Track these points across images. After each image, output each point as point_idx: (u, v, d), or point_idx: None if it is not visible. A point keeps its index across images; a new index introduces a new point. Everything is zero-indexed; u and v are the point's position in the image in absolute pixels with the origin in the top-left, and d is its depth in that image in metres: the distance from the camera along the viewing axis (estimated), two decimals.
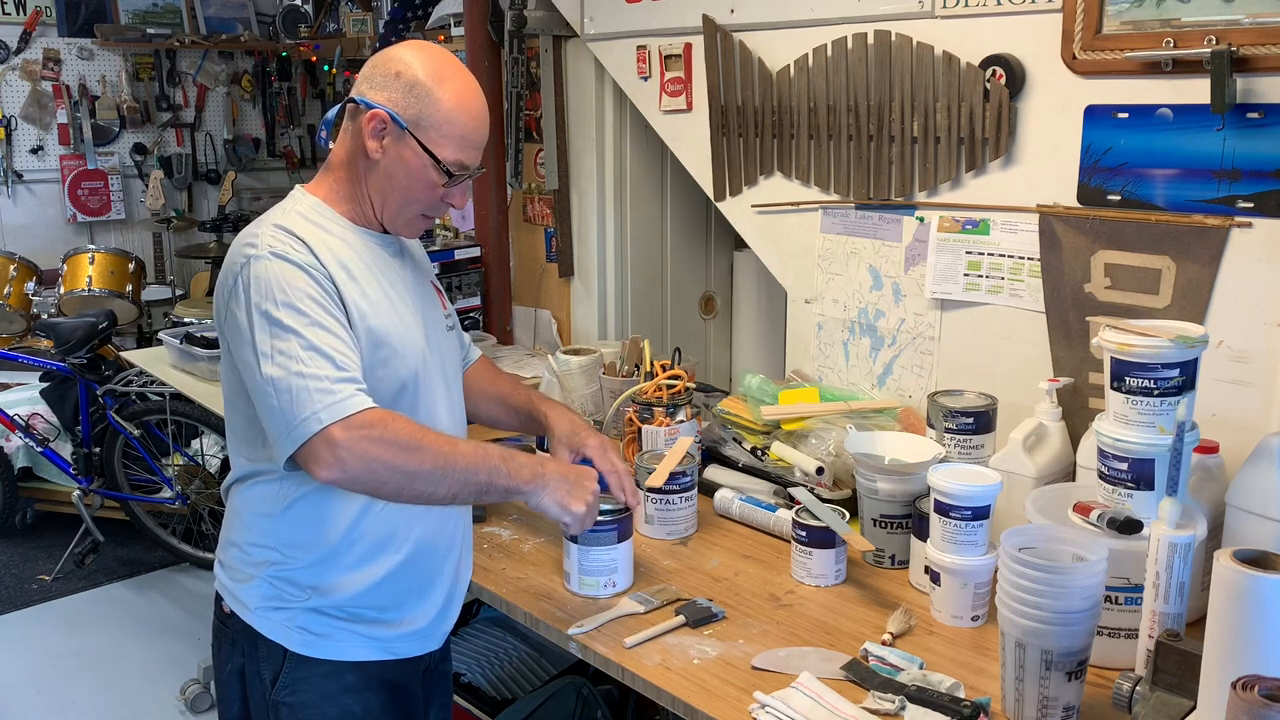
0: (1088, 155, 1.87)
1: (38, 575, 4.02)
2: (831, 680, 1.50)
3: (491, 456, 1.48)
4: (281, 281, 1.41)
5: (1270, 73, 1.63)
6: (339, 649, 1.55)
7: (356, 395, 1.39)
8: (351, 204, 1.54)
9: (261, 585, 1.54)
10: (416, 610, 1.61)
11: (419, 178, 1.50)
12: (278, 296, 1.40)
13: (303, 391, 1.36)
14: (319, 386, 1.37)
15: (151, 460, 3.87)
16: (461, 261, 3.20)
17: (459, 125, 1.49)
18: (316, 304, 1.42)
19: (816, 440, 2.08)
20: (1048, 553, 1.42)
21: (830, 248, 2.34)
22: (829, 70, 2.22)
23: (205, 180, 6.26)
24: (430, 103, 1.47)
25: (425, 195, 1.52)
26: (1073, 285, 1.92)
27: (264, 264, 1.42)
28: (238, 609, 1.56)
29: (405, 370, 1.54)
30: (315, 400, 1.36)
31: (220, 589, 1.60)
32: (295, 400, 1.37)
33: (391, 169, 1.50)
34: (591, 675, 2.24)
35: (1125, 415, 1.47)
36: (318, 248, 1.46)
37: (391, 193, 1.52)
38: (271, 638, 1.53)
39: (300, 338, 1.39)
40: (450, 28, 3.42)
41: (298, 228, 1.47)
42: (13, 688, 3.32)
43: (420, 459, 1.40)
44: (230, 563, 1.59)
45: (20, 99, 5.57)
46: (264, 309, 1.40)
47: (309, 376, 1.37)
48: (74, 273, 4.81)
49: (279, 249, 1.43)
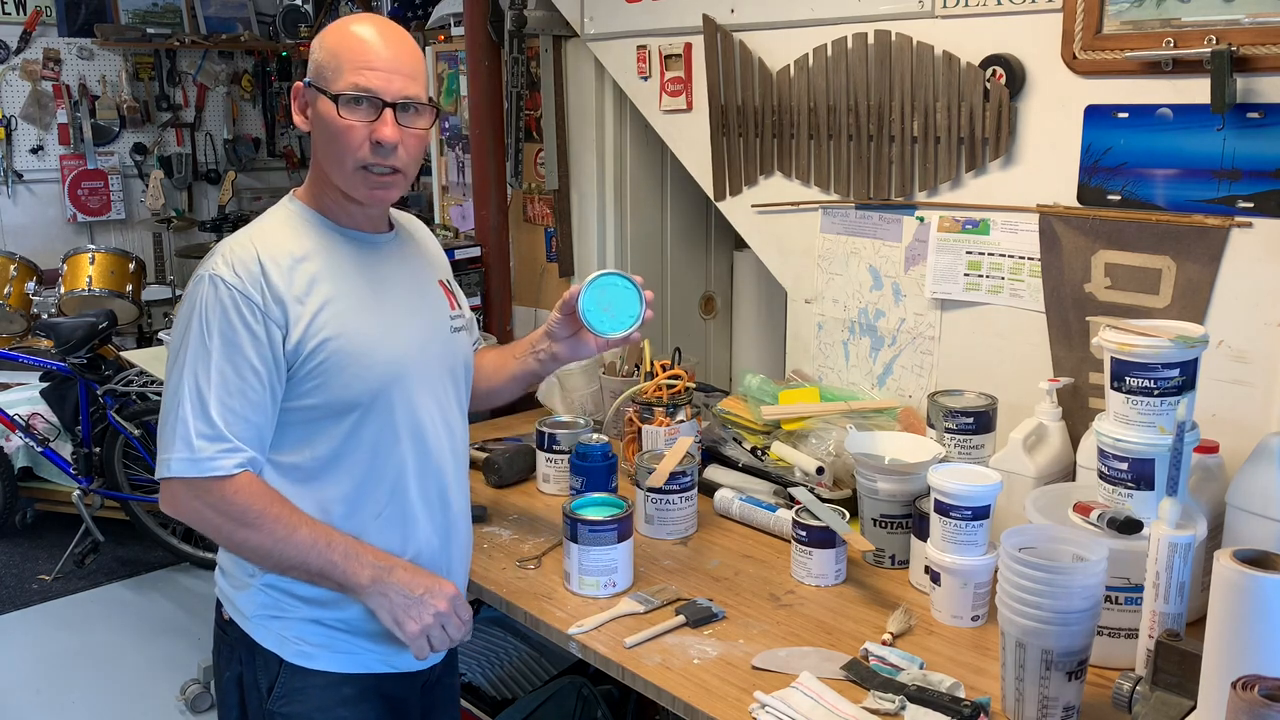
0: (1088, 155, 1.87)
1: (38, 575, 4.02)
2: (831, 680, 1.50)
3: (333, 549, 1.46)
4: (206, 309, 1.42)
5: (1270, 73, 1.63)
6: (336, 661, 1.54)
7: (215, 459, 1.41)
8: (323, 196, 1.53)
9: (257, 594, 1.52)
10: None
11: (334, 125, 1.45)
12: (194, 324, 1.42)
13: (171, 432, 1.42)
14: (183, 434, 1.41)
15: (151, 460, 3.87)
16: (461, 261, 3.20)
17: (347, 53, 1.45)
18: (225, 342, 1.41)
19: (816, 440, 2.08)
20: (1048, 553, 1.42)
21: (830, 248, 2.34)
22: (829, 70, 2.22)
23: (205, 180, 6.26)
24: (321, 50, 1.47)
25: (349, 141, 1.45)
26: (1073, 285, 1.92)
27: (200, 287, 1.44)
28: (235, 616, 1.55)
29: (373, 377, 1.49)
30: (177, 447, 1.41)
31: (220, 594, 1.59)
32: (165, 434, 1.43)
33: (317, 134, 1.49)
34: (591, 675, 2.24)
35: (1125, 415, 1.47)
36: (274, 267, 1.44)
37: (327, 158, 1.49)
38: (268, 647, 1.52)
39: (195, 376, 1.41)
40: (450, 28, 3.42)
41: (262, 243, 1.46)
42: (13, 688, 3.32)
43: (248, 535, 1.44)
44: (229, 568, 1.57)
45: (20, 99, 5.57)
46: (183, 329, 1.44)
47: (180, 420, 1.41)
48: (74, 273, 4.81)
49: (220, 272, 1.43)
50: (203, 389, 1.41)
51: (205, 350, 1.41)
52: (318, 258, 1.48)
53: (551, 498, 2.19)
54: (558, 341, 1.79)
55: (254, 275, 1.43)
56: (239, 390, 1.42)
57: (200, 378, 1.41)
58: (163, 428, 1.44)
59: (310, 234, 1.50)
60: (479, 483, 2.26)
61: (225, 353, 1.42)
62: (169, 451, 1.42)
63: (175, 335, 1.47)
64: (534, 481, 2.26)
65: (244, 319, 1.42)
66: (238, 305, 1.42)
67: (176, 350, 1.45)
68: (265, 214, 1.54)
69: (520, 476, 2.27)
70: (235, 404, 1.42)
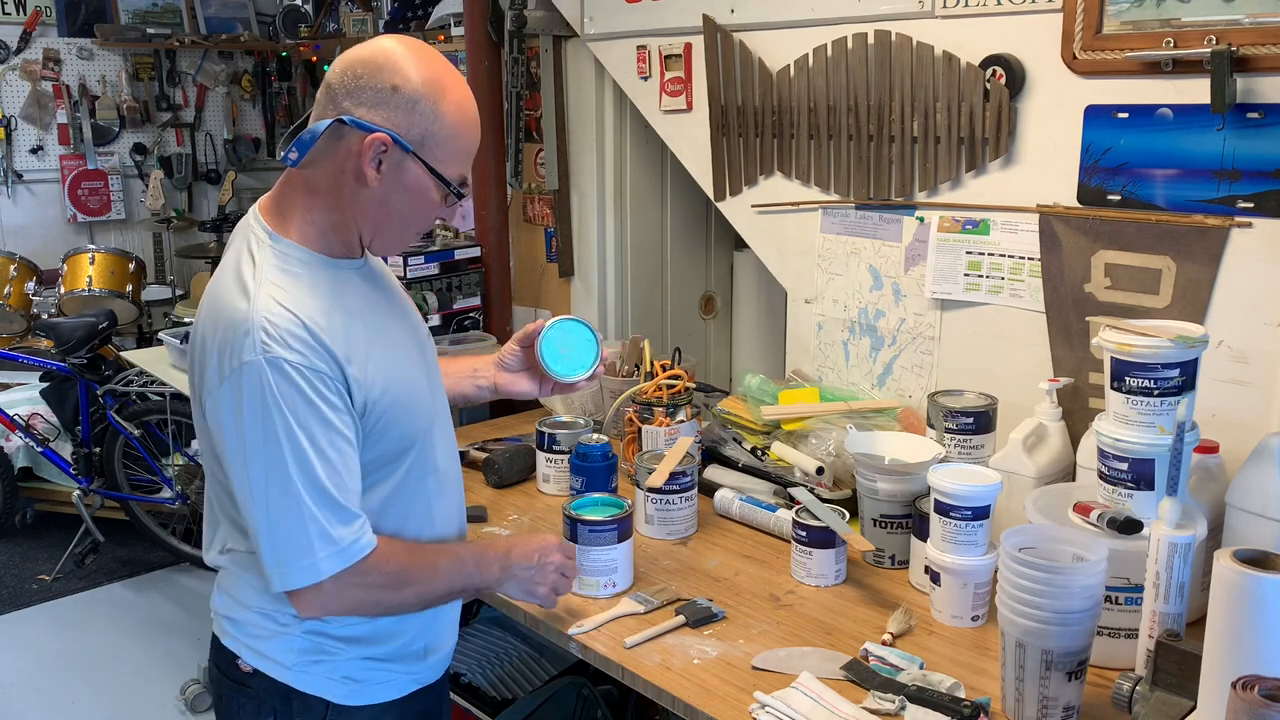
0: (1088, 155, 1.87)
1: (38, 575, 4.02)
2: (831, 680, 1.50)
3: (464, 565, 1.50)
4: (280, 397, 1.28)
5: (1270, 73, 1.63)
6: (379, 692, 1.49)
7: (358, 540, 1.34)
8: (332, 235, 1.39)
9: (297, 640, 1.43)
10: (446, 638, 1.60)
11: (421, 200, 1.37)
12: (274, 417, 1.28)
13: (302, 536, 1.31)
14: (318, 533, 1.31)
15: (151, 460, 3.87)
16: (461, 261, 3.20)
17: (464, 140, 1.38)
18: (317, 422, 1.30)
19: (816, 440, 2.08)
20: (1048, 553, 1.42)
21: (830, 248, 2.34)
22: (829, 70, 2.22)
23: (205, 180, 6.26)
24: (435, 119, 1.33)
25: (424, 217, 1.41)
26: (1073, 285, 1.92)
27: (258, 375, 1.27)
28: (265, 666, 1.44)
29: (418, 422, 1.47)
30: (317, 547, 1.31)
31: (234, 646, 1.46)
32: (293, 540, 1.31)
33: (389, 196, 1.36)
34: (591, 675, 2.24)
35: (1125, 415, 1.47)
36: (334, 324, 1.33)
37: (388, 220, 1.38)
38: (310, 692, 1.44)
39: (303, 471, 1.29)
40: (450, 28, 3.43)
41: (301, 302, 1.32)
42: (13, 688, 3.32)
43: (405, 595, 1.42)
44: (249, 619, 1.45)
45: (20, 99, 5.57)
46: (260, 427, 1.28)
47: (308, 520, 1.30)
48: (74, 273, 4.81)
49: (277, 353, 1.27)
50: (318, 479, 1.30)
51: (299, 441, 1.29)
52: (334, 303, 1.36)
53: (551, 498, 2.19)
54: (506, 372, 1.77)
55: (308, 344, 1.30)
56: (343, 466, 1.34)
57: (310, 470, 1.30)
58: (274, 531, 1.30)
59: (315, 278, 1.37)
60: (479, 482, 2.26)
61: (324, 435, 1.31)
62: (310, 556, 1.30)
63: (249, 430, 1.29)
64: (534, 481, 2.26)
65: (321, 394, 1.31)
66: (311, 382, 1.30)
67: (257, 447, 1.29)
68: (260, 265, 1.34)
69: (520, 476, 2.27)
70: (347, 480, 1.34)
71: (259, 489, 1.31)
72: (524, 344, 1.75)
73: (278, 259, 1.35)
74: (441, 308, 3.17)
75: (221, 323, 1.31)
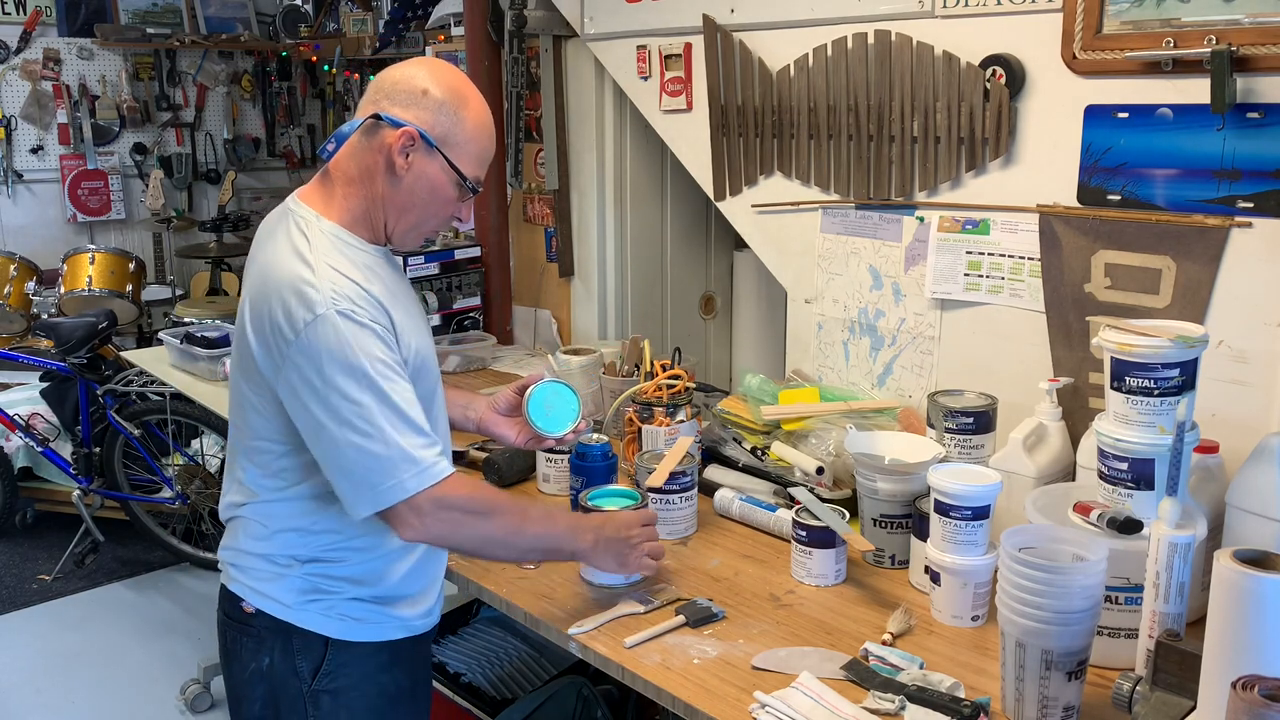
0: (1088, 155, 1.87)
1: (38, 575, 4.02)
2: (831, 680, 1.50)
3: (558, 525, 1.67)
4: (355, 345, 1.42)
5: (1270, 72, 1.63)
6: (373, 631, 1.60)
7: (440, 462, 1.47)
8: (366, 223, 1.56)
9: (297, 580, 1.56)
10: (432, 587, 1.69)
11: (441, 193, 1.54)
12: (352, 361, 1.42)
13: (386, 459, 1.43)
14: (402, 454, 1.44)
15: (152, 460, 3.87)
16: (461, 261, 3.20)
17: (481, 144, 1.56)
18: (388, 366, 1.45)
19: (816, 440, 2.08)
20: (1048, 553, 1.42)
21: (830, 248, 2.34)
22: (829, 70, 2.22)
23: (205, 180, 6.26)
24: (457, 121, 1.52)
25: (442, 211, 1.58)
26: (1073, 285, 1.92)
27: (332, 324, 1.42)
28: (267, 606, 1.57)
29: (430, 382, 1.61)
30: (400, 469, 1.44)
31: (239, 590, 1.59)
32: (379, 466, 1.43)
33: (415, 186, 1.53)
34: (591, 675, 2.24)
35: (1125, 415, 1.47)
36: (376, 292, 1.48)
37: (410, 209, 1.55)
38: (310, 629, 1.56)
39: (379, 403, 1.43)
40: (450, 28, 3.42)
41: (351, 272, 1.47)
42: (13, 688, 3.32)
43: (495, 526, 1.55)
44: (251, 563, 1.59)
45: (20, 99, 5.57)
46: (338, 373, 1.42)
47: (391, 444, 1.43)
48: (74, 273, 4.81)
49: (344, 307, 1.42)
50: (397, 407, 1.44)
51: (372, 378, 1.43)
52: (375, 281, 1.51)
53: (552, 498, 2.19)
54: (496, 413, 1.91)
55: (370, 301, 1.46)
56: (415, 400, 1.48)
57: (389, 401, 1.43)
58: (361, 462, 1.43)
59: (358, 257, 1.52)
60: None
61: (394, 373, 1.46)
62: (390, 476, 1.43)
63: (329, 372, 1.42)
64: (534, 481, 2.26)
65: (386, 341, 1.46)
66: (376, 331, 1.45)
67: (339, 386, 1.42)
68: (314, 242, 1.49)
69: (520, 476, 2.27)
70: (419, 410, 1.48)
71: (342, 424, 1.42)
72: (519, 392, 1.90)
73: (328, 237, 1.51)
74: (441, 307, 3.17)
75: (288, 285, 1.44)
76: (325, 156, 1.55)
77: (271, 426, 1.52)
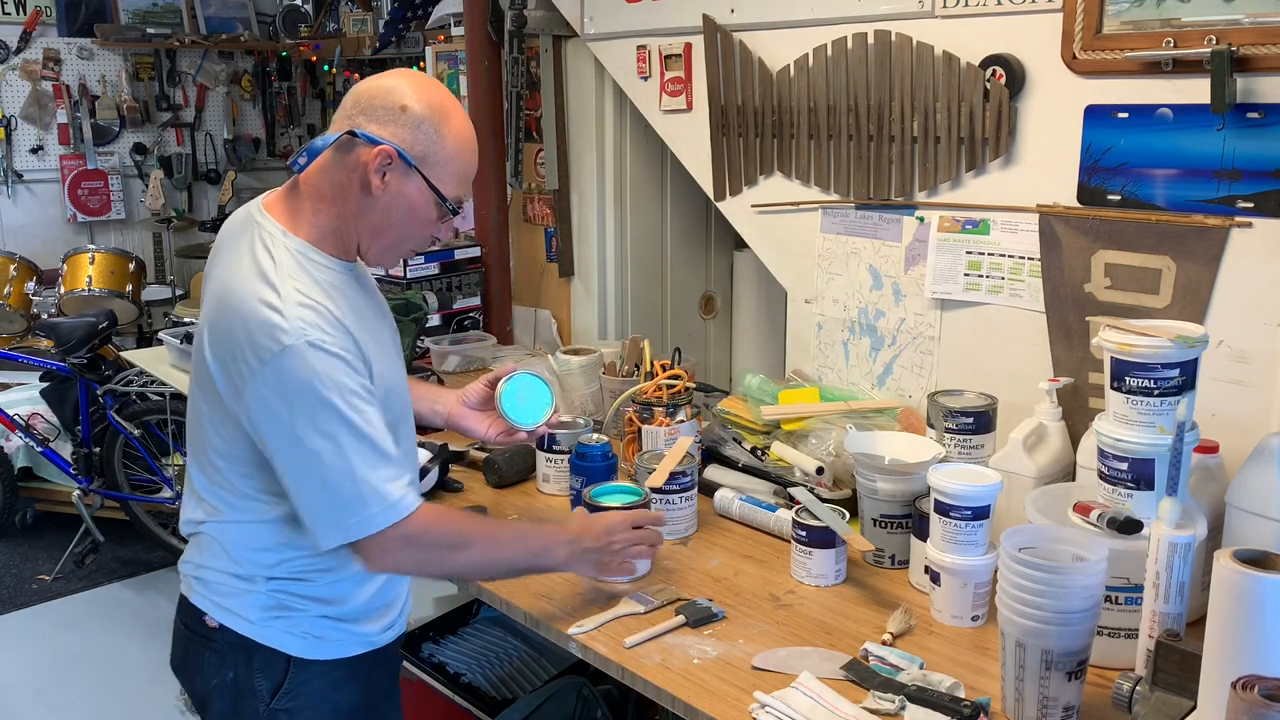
0: (1088, 155, 1.87)
1: (38, 575, 4.02)
2: (831, 680, 1.50)
3: (530, 544, 1.63)
4: (324, 377, 1.37)
5: (1270, 73, 1.63)
6: (338, 648, 1.56)
7: (407, 495, 1.44)
8: (336, 240, 1.48)
9: (262, 596, 1.51)
10: (397, 605, 1.66)
11: (419, 214, 1.48)
12: (321, 395, 1.37)
13: (353, 494, 1.40)
14: (371, 489, 1.40)
15: (151, 460, 3.87)
16: (461, 261, 3.20)
17: (463, 163, 1.49)
18: (356, 395, 1.40)
19: (816, 440, 2.08)
20: (1048, 553, 1.42)
21: (830, 248, 2.34)
22: (829, 70, 2.22)
23: (205, 180, 6.26)
24: (438, 139, 1.45)
25: (420, 232, 1.51)
26: (1073, 285, 1.92)
27: (301, 356, 1.36)
28: (231, 621, 1.52)
29: (399, 407, 1.56)
30: (369, 503, 1.40)
31: (201, 603, 1.54)
32: (345, 502, 1.40)
33: (391, 207, 1.46)
34: (591, 675, 2.24)
35: (1125, 415, 1.47)
36: (341, 315, 1.42)
37: (386, 230, 1.48)
38: (273, 646, 1.52)
39: (349, 434, 1.38)
40: (450, 28, 3.42)
41: (315, 294, 1.41)
42: (13, 688, 3.32)
43: (465, 557, 1.55)
44: (215, 578, 1.53)
45: (20, 99, 5.57)
46: (306, 408, 1.37)
47: (359, 479, 1.39)
48: (74, 273, 4.81)
49: (314, 337, 1.36)
50: (367, 436, 1.40)
51: (341, 411, 1.38)
52: (339, 301, 1.45)
53: (551, 498, 2.19)
54: (465, 407, 1.88)
55: (337, 327, 1.40)
56: (382, 431, 1.43)
57: (357, 435, 1.39)
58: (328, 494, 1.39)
59: (324, 276, 1.45)
60: (479, 483, 2.26)
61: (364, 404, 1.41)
62: (362, 510, 1.40)
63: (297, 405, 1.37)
64: (534, 481, 2.26)
65: (354, 370, 1.41)
66: (345, 360, 1.40)
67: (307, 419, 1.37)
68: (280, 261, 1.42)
69: (520, 476, 2.27)
70: (389, 440, 1.44)
71: (309, 457, 1.38)
72: (490, 385, 1.88)
73: (294, 255, 1.44)
74: (441, 307, 3.17)
75: (251, 311, 1.38)
76: (296, 170, 1.47)
77: (232, 448, 1.46)
